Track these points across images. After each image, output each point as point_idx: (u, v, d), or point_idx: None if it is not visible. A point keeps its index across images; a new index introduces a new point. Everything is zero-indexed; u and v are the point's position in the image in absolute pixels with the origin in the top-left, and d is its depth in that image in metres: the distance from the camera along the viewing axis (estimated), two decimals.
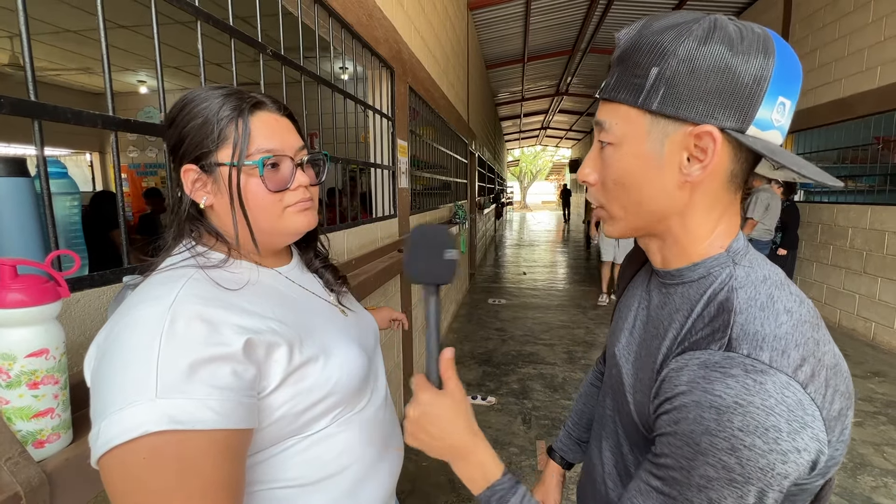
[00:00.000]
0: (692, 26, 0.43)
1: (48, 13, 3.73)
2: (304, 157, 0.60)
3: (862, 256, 4.01)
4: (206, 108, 0.54)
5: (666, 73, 0.43)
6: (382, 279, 1.90)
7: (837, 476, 2.09)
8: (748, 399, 0.38)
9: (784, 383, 0.39)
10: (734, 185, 0.47)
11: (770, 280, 0.46)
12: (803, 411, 0.38)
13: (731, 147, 0.44)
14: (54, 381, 0.54)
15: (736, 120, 0.42)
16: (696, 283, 0.49)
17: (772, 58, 0.42)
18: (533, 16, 6.16)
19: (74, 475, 0.55)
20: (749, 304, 0.43)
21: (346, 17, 1.70)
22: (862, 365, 3.41)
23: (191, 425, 0.43)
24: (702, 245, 0.49)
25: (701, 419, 0.39)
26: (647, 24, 0.45)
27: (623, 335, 0.58)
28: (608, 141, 0.48)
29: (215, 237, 0.58)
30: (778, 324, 0.41)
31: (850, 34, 4.16)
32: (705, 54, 0.42)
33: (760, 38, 0.42)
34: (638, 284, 0.61)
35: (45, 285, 0.53)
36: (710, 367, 0.41)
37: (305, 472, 0.56)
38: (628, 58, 0.46)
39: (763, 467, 0.38)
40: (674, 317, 0.49)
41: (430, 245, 0.56)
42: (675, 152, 0.45)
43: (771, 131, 0.44)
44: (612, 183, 0.49)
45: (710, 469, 0.39)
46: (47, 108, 0.65)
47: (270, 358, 0.51)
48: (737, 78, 0.41)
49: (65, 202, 0.72)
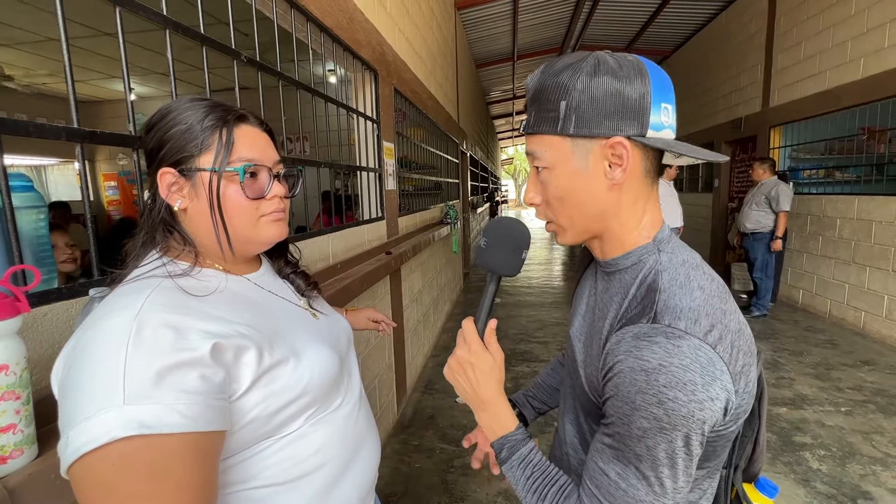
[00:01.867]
0: (581, 65, 0.53)
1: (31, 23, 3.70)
2: (281, 171, 0.63)
3: (850, 246, 4.04)
4: (191, 115, 0.57)
5: (572, 103, 0.53)
6: (370, 281, 1.90)
7: (826, 464, 2.11)
8: (669, 360, 0.47)
9: (697, 345, 0.47)
10: (650, 179, 0.57)
11: (688, 263, 0.55)
12: (713, 367, 0.47)
13: (639, 149, 0.55)
14: (15, 396, 0.54)
15: (636, 128, 0.53)
16: (629, 270, 0.57)
17: (646, 77, 0.52)
18: (521, 14, 6.16)
19: (39, 491, 0.55)
20: (671, 283, 0.52)
21: (324, 20, 1.70)
22: (851, 354, 3.44)
23: (159, 429, 0.43)
24: (632, 235, 0.58)
25: (634, 381, 0.48)
26: (546, 69, 0.55)
27: (577, 319, 0.66)
28: (542, 166, 0.57)
29: (182, 245, 0.58)
30: (692, 298, 0.50)
31: (833, 26, 4.19)
32: (598, 84, 0.52)
33: (634, 65, 0.53)
34: (589, 275, 0.69)
35: (3, 301, 0.52)
36: (640, 338, 0.49)
37: (281, 472, 0.57)
38: (540, 97, 0.55)
39: (685, 415, 0.46)
40: (613, 299, 0.57)
41: (512, 242, 0.63)
42: (598, 163, 0.54)
43: (664, 130, 0.54)
44: (554, 199, 0.58)
45: (644, 421, 0.48)
46: (7, 122, 0.65)
47: (239, 361, 0.51)
48: (626, 97, 0.52)
49: (30, 216, 0.72)
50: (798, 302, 4.77)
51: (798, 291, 4.77)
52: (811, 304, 4.57)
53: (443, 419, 2.64)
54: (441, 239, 3.87)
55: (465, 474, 2.13)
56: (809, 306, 4.60)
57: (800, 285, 4.75)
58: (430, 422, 2.61)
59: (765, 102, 5.27)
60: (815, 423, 2.49)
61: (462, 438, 2.42)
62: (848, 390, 2.86)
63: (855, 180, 4.21)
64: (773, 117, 5.12)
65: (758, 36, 5.38)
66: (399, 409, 2.72)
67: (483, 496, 1.98)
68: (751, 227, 4.21)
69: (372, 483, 0.71)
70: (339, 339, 0.72)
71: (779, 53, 5.01)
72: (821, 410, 2.63)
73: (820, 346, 3.63)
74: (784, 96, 4.95)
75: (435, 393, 2.98)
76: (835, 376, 3.07)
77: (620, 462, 0.50)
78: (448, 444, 2.38)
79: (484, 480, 2.08)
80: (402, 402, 2.79)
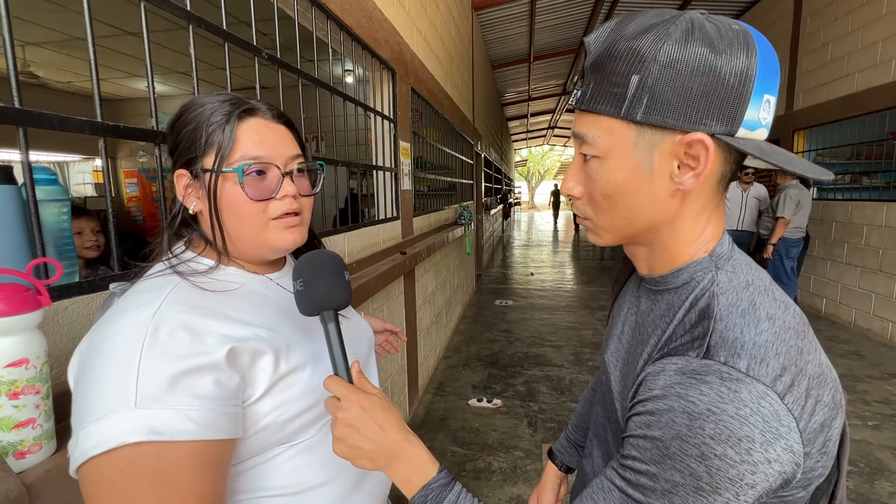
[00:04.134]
0: (669, 28, 0.40)
1: (57, 22, 3.80)
2: (296, 166, 0.57)
3: (878, 254, 3.91)
4: (200, 113, 0.54)
5: (648, 80, 0.41)
6: (385, 280, 1.89)
7: (853, 480, 2.03)
8: (722, 407, 0.37)
9: (761, 393, 0.38)
10: (722, 187, 0.46)
11: (753, 285, 0.44)
12: (779, 422, 0.38)
13: (722, 150, 0.43)
14: (35, 390, 0.53)
15: (725, 124, 0.41)
16: (679, 290, 0.47)
17: (754, 54, 0.40)
18: (538, 15, 6.12)
19: (56, 486, 0.54)
20: (730, 310, 0.42)
21: (344, 19, 1.70)
22: (878, 366, 3.32)
23: (169, 436, 0.42)
24: (688, 250, 0.48)
25: (672, 423, 0.39)
26: (619, 27, 0.43)
27: (612, 341, 0.57)
28: (592, 154, 0.46)
29: (205, 243, 0.57)
30: (759, 331, 0.40)
31: (862, 27, 4.06)
32: (687, 57, 0.39)
33: (740, 35, 0.40)
34: (629, 290, 0.59)
35: (25, 294, 0.52)
36: (687, 374, 0.40)
37: (293, 481, 0.55)
38: (604, 65, 0.43)
39: (732, 477, 0.37)
40: (657, 323, 0.48)
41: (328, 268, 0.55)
42: (665, 161, 0.43)
43: (759, 130, 0.42)
44: (601, 196, 0.47)
45: (677, 474, 0.38)
46: (32, 114, 0.64)
47: (255, 366, 0.50)
48: (722, 79, 0.39)
49: (53, 209, 0.72)
50: (821, 311, 4.63)
51: (821, 300, 4.64)
52: (835, 314, 4.43)
53: (455, 421, 2.61)
54: (455, 240, 3.85)
55: (476, 478, 2.10)
56: (833, 315, 4.46)
57: (823, 293, 4.61)
58: (442, 424, 2.59)
59: (788, 105, 5.14)
60: None
61: (474, 441, 2.42)
62: (875, 404, 2.76)
63: (884, 186, 4.07)
64: (797, 121, 4.99)
65: (782, 37, 5.25)
66: (411, 411, 2.71)
67: (495, 501, 1.95)
68: (764, 232, 4.14)
69: (385, 493, 0.69)
70: (360, 344, 0.70)
71: (804, 55, 4.88)
72: (847, 424, 2.53)
73: (845, 356, 3.51)
74: (809, 99, 4.82)
75: (447, 395, 2.95)
76: (861, 389, 2.96)
77: None
78: (460, 447, 2.35)
79: (496, 485, 2.05)
80: (414, 403, 2.77)
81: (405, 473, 0.51)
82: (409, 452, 0.51)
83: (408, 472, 0.50)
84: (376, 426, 0.50)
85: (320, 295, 0.53)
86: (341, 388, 0.51)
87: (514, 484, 2.06)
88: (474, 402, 2.83)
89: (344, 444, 0.50)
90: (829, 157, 4.88)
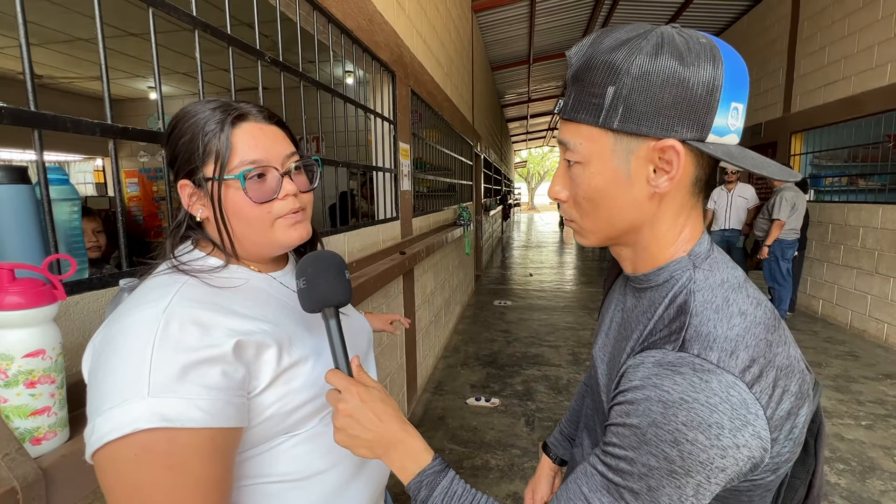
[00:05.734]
0: (641, 42, 0.43)
1: (61, 23, 3.83)
2: (293, 164, 0.59)
3: (874, 256, 3.94)
4: (194, 124, 0.55)
5: (622, 91, 0.44)
6: (385, 280, 1.91)
7: (845, 478, 2.06)
8: (693, 396, 0.40)
9: (730, 383, 0.41)
10: (698, 189, 0.49)
11: (727, 283, 0.47)
12: (746, 410, 0.40)
13: (693, 155, 0.46)
14: (51, 380, 0.56)
15: (695, 131, 0.44)
16: (660, 287, 0.50)
17: (720, 65, 0.42)
18: (538, 17, 6.16)
19: (70, 471, 0.57)
20: (705, 306, 0.45)
21: (345, 22, 1.73)
22: (873, 367, 3.34)
23: (180, 423, 0.45)
24: (668, 250, 0.51)
25: (649, 412, 0.42)
26: (597, 41, 0.46)
27: (601, 337, 0.60)
28: (575, 160, 0.49)
29: (213, 245, 0.60)
30: (730, 326, 0.43)
31: (859, 31, 4.10)
32: (657, 69, 0.42)
33: (707, 48, 0.43)
34: (617, 288, 0.63)
35: (42, 288, 0.55)
36: (663, 366, 0.43)
37: (296, 468, 0.58)
38: (583, 77, 0.46)
39: (703, 461, 0.40)
40: (640, 318, 0.51)
41: (331, 268, 0.57)
42: (641, 167, 0.46)
43: (729, 135, 0.45)
44: (584, 200, 0.50)
45: (653, 459, 0.41)
46: (47, 117, 0.67)
47: (260, 358, 0.52)
48: (690, 89, 0.42)
49: (65, 207, 0.74)
50: (818, 312, 4.66)
51: (818, 301, 4.66)
52: (831, 315, 4.46)
53: (453, 420, 2.64)
54: (454, 240, 3.88)
55: (474, 475, 2.12)
56: (829, 316, 4.49)
57: (820, 295, 4.64)
58: (440, 422, 2.62)
59: (786, 108, 5.18)
60: (835, 437, 2.43)
61: (472, 440, 2.44)
62: (869, 404, 2.79)
63: (879, 188, 4.10)
64: (794, 123, 5.02)
65: (780, 41, 5.29)
66: (409, 409, 2.73)
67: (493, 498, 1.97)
68: (759, 234, 4.18)
69: (383, 483, 0.71)
70: (360, 340, 0.72)
71: (801, 58, 4.92)
72: (840, 424, 2.56)
73: (840, 357, 3.54)
74: (806, 102, 4.85)
75: (445, 394, 2.98)
76: (856, 389, 2.99)
77: (610, 495, 0.44)
78: (458, 445, 2.38)
79: (493, 482, 2.07)
80: (413, 401, 2.80)
81: (402, 461, 0.53)
82: (405, 441, 0.53)
83: (404, 460, 0.53)
84: (375, 417, 0.53)
85: (322, 292, 0.56)
86: (342, 380, 0.54)
87: (510, 481, 2.09)
88: (472, 401, 2.85)
89: (344, 433, 0.53)
90: (825, 159, 4.91)
